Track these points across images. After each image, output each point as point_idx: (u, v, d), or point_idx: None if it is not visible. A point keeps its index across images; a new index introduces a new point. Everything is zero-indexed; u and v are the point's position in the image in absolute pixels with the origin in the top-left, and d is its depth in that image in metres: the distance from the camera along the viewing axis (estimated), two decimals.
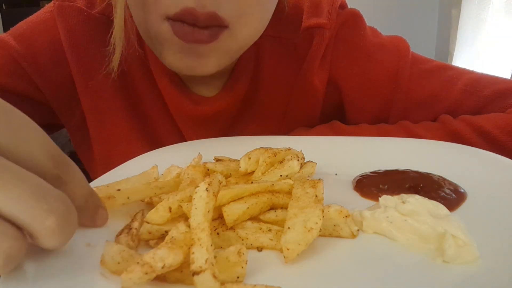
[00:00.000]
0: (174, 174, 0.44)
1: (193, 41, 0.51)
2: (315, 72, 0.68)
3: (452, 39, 2.24)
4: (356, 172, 0.48)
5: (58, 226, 0.27)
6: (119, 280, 0.27)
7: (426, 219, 0.34)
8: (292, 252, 0.31)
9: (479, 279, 0.29)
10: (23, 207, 0.26)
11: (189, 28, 0.50)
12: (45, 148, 0.30)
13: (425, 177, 0.44)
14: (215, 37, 0.51)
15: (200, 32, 0.50)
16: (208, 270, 0.27)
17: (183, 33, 0.50)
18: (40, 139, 0.30)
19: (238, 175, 0.44)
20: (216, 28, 0.51)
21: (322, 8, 0.68)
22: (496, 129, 0.59)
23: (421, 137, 0.60)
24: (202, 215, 0.31)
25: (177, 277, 0.29)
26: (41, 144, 0.30)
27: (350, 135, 0.63)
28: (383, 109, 0.69)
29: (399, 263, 0.31)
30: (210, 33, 0.50)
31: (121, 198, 0.37)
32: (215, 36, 0.51)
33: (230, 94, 0.66)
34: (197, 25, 0.49)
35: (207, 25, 0.50)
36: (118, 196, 0.37)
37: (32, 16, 0.66)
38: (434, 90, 0.67)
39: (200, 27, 0.50)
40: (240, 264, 0.30)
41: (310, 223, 0.32)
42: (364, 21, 0.71)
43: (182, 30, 0.50)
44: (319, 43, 0.67)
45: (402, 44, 0.70)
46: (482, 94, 0.66)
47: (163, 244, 0.29)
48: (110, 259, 0.30)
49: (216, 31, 0.51)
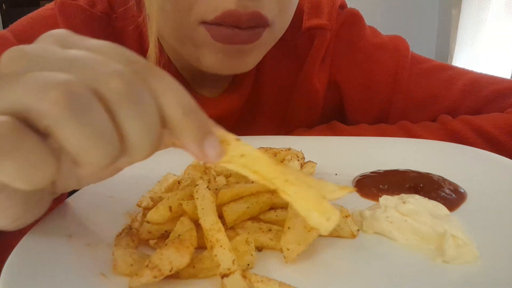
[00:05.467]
0: (170, 181, 0.44)
1: (235, 43, 0.49)
2: (316, 73, 0.68)
3: (452, 39, 2.24)
4: (356, 172, 0.48)
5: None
6: (120, 280, 0.27)
7: (426, 219, 0.34)
8: (292, 252, 0.31)
9: (479, 279, 0.29)
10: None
11: (229, 30, 0.48)
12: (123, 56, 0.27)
13: (425, 177, 0.44)
14: (257, 37, 0.50)
15: (242, 33, 0.48)
16: (237, 271, 0.27)
17: (223, 36, 0.48)
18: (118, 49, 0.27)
19: (238, 175, 0.44)
20: (258, 28, 0.49)
21: (322, 9, 0.68)
22: (496, 129, 0.59)
23: (420, 137, 0.60)
24: (213, 214, 0.31)
25: (190, 272, 0.30)
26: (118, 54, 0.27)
27: (350, 135, 0.63)
28: (383, 109, 0.69)
29: (399, 263, 0.31)
30: (252, 33, 0.49)
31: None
32: (257, 36, 0.50)
33: (233, 95, 0.66)
34: (239, 26, 0.47)
35: (250, 26, 0.48)
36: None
37: (33, 13, 0.65)
38: (433, 90, 0.67)
39: (242, 28, 0.48)
40: (250, 252, 0.30)
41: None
42: (363, 21, 0.71)
43: (220, 33, 0.48)
44: (320, 44, 0.67)
45: (401, 44, 0.70)
46: (482, 94, 0.66)
47: (170, 242, 0.29)
48: (123, 263, 0.30)
49: (258, 31, 0.50)
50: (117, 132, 0.25)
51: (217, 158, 0.28)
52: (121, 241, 0.32)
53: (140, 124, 0.25)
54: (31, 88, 0.23)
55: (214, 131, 0.28)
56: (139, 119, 0.25)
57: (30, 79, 0.24)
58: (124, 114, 0.25)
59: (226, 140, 0.28)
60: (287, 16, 0.54)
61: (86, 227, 0.36)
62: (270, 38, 0.53)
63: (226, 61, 0.52)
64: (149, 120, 0.25)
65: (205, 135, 0.27)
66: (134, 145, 0.25)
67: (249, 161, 0.28)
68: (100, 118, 0.24)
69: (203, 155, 0.27)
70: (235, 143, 0.28)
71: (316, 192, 0.28)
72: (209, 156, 0.27)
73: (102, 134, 0.24)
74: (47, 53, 0.26)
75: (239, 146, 0.28)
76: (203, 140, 0.27)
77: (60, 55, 0.26)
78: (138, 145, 0.25)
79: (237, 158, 0.28)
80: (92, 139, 0.24)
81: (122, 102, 0.24)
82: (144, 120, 0.25)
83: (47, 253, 0.31)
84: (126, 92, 0.25)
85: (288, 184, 0.28)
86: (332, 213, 0.27)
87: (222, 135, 0.28)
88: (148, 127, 0.25)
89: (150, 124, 0.25)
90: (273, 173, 0.28)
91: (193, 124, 0.27)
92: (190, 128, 0.27)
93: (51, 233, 0.34)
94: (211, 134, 0.27)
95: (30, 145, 0.23)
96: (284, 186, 0.28)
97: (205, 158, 0.27)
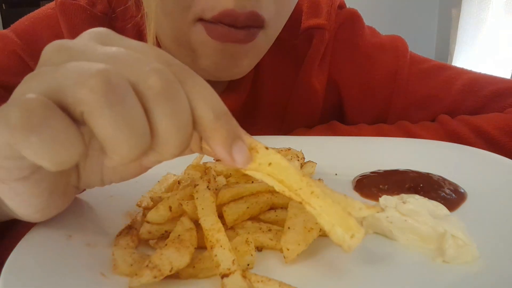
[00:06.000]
0: (170, 181, 0.44)
1: (230, 41, 0.49)
2: (315, 72, 0.68)
3: (452, 39, 2.24)
4: (356, 172, 0.48)
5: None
6: (120, 280, 0.27)
7: (426, 219, 0.34)
8: (292, 252, 0.31)
9: (479, 279, 0.29)
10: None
11: (225, 28, 0.48)
12: (162, 58, 0.27)
13: (425, 177, 0.44)
14: (252, 37, 0.50)
15: (237, 32, 0.49)
16: (238, 271, 0.27)
17: (219, 34, 0.48)
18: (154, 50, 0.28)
19: (238, 175, 0.44)
20: (254, 28, 0.50)
21: (321, 9, 0.68)
22: (495, 129, 0.59)
23: (420, 137, 0.60)
24: (213, 214, 0.31)
25: (190, 272, 0.30)
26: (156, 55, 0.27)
27: (349, 135, 0.63)
28: (382, 109, 0.69)
29: (399, 263, 0.32)
30: (247, 33, 0.49)
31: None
32: (253, 36, 0.50)
33: (232, 96, 0.66)
34: (235, 25, 0.48)
35: (246, 25, 0.49)
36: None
37: (34, 12, 0.65)
38: (432, 90, 0.67)
39: (238, 28, 0.48)
40: (249, 252, 0.30)
41: (310, 223, 0.32)
42: (362, 21, 0.71)
43: (217, 30, 0.48)
44: (319, 43, 0.67)
45: (400, 44, 0.70)
46: (481, 94, 0.66)
47: (170, 242, 0.29)
48: (123, 262, 0.30)
49: (253, 31, 0.50)
50: (150, 127, 0.26)
51: (245, 164, 0.28)
52: (121, 241, 0.32)
53: (173, 122, 0.26)
54: (70, 75, 0.24)
55: (243, 138, 0.28)
56: (173, 117, 0.25)
57: (70, 67, 0.24)
58: (159, 111, 0.25)
59: (255, 147, 0.29)
60: (282, 19, 0.54)
61: (86, 227, 0.36)
62: (264, 41, 0.53)
63: (222, 63, 0.52)
64: (182, 120, 0.26)
65: (234, 140, 0.27)
66: (165, 142, 0.26)
67: (276, 170, 0.29)
68: (134, 110, 0.25)
69: (231, 160, 0.28)
70: (264, 152, 0.29)
71: (342, 208, 0.28)
72: (236, 161, 0.28)
73: (134, 126, 0.25)
74: (88, 48, 0.27)
75: (267, 155, 0.29)
76: (231, 145, 0.27)
77: (100, 51, 0.26)
78: (169, 143, 0.26)
79: (265, 166, 0.28)
80: (124, 129, 0.24)
81: (158, 99, 0.25)
82: (177, 119, 0.26)
83: (47, 253, 0.31)
84: (163, 90, 0.25)
85: (314, 196, 0.28)
86: (357, 231, 0.27)
87: (252, 142, 0.29)
88: (180, 126, 0.26)
89: (182, 123, 0.26)
90: (299, 184, 0.28)
91: (223, 128, 0.27)
92: (220, 131, 0.27)
93: (51, 233, 0.34)
94: (240, 140, 0.28)
95: (59, 123, 0.24)
96: (309, 198, 0.28)
97: (233, 163, 0.28)
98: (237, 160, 0.28)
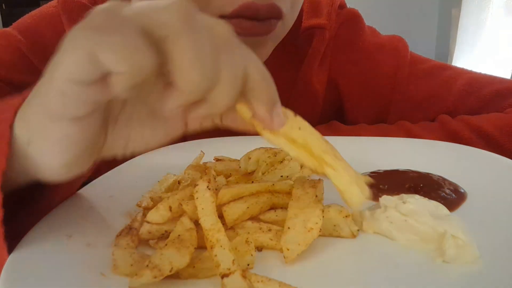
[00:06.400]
0: (170, 181, 0.44)
1: (253, 35, 0.50)
2: (315, 72, 0.68)
3: (452, 39, 2.25)
4: None
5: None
6: (120, 280, 0.27)
7: (426, 219, 0.34)
8: (292, 252, 0.31)
9: (479, 279, 0.29)
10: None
11: (248, 22, 0.49)
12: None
13: (425, 177, 0.44)
14: (273, 28, 0.51)
15: (259, 25, 0.50)
16: (237, 271, 0.27)
17: (242, 29, 0.49)
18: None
19: (238, 175, 0.44)
20: (274, 20, 0.51)
21: (321, 8, 0.68)
22: (495, 130, 0.59)
23: (420, 137, 0.60)
24: (213, 214, 0.31)
25: (190, 272, 0.30)
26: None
27: (349, 135, 0.63)
28: (382, 109, 0.69)
29: (399, 263, 0.31)
30: (267, 25, 0.50)
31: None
32: (274, 27, 0.51)
33: None
34: (257, 18, 0.49)
35: (267, 18, 0.50)
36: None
37: (35, 10, 0.65)
38: (433, 90, 0.67)
39: (259, 20, 0.49)
40: (250, 252, 0.31)
41: (310, 223, 0.32)
42: (363, 21, 0.71)
43: (241, 25, 0.49)
44: (319, 43, 0.67)
45: (401, 44, 0.70)
46: (481, 94, 0.66)
47: (170, 242, 0.29)
48: (123, 262, 0.30)
49: (274, 22, 0.51)
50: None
51: (279, 126, 0.31)
52: (121, 241, 0.32)
53: (232, 72, 0.28)
54: (153, 4, 0.26)
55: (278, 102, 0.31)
56: (233, 67, 0.28)
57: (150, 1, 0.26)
58: (224, 58, 0.27)
59: (285, 113, 0.32)
60: (296, 11, 0.56)
61: (86, 227, 0.36)
62: (281, 31, 0.55)
63: None
64: (239, 71, 0.28)
65: (275, 103, 0.31)
66: (221, 89, 0.27)
67: (305, 134, 0.32)
68: (209, 45, 0.26)
69: (270, 120, 0.30)
70: (293, 118, 0.32)
71: (353, 171, 0.33)
72: (274, 122, 0.31)
73: (207, 58, 0.26)
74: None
75: (296, 121, 0.32)
76: (272, 107, 0.30)
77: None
78: (225, 90, 0.27)
79: (295, 130, 0.32)
80: (201, 57, 0.26)
81: (225, 47, 0.28)
82: (237, 68, 0.28)
83: (47, 253, 0.31)
84: (228, 40, 0.28)
85: (337, 159, 0.32)
86: (365, 189, 0.33)
87: (284, 108, 0.32)
88: (237, 76, 0.28)
89: (239, 75, 0.28)
90: (324, 148, 0.33)
91: (270, 90, 0.30)
92: (266, 92, 0.30)
93: (51, 233, 0.34)
94: (279, 103, 0.31)
95: (135, 32, 0.25)
96: (334, 160, 0.32)
97: (270, 123, 0.31)
98: (275, 121, 0.31)
